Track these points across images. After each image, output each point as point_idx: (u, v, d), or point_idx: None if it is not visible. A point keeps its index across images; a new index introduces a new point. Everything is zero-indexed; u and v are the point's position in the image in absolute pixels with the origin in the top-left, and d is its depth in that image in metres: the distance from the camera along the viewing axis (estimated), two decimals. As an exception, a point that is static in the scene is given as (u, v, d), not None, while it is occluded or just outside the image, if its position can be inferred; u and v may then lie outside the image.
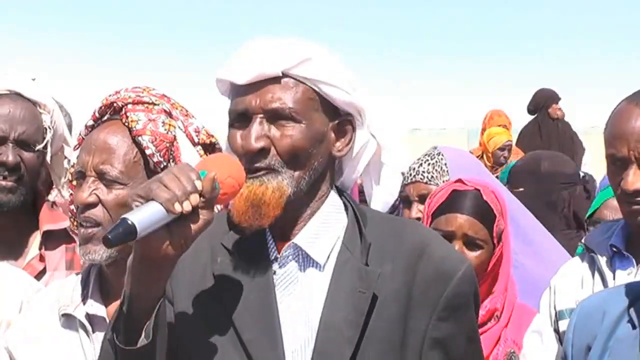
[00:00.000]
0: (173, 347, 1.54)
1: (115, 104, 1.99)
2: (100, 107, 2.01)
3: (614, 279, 2.38)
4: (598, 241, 2.48)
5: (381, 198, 1.79)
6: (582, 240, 2.63)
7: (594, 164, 7.43)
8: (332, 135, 1.65)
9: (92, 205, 1.90)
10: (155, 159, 1.92)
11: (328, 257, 1.61)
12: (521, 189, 3.77)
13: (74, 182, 1.98)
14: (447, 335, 1.60)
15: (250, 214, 1.56)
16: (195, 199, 1.42)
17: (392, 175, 1.80)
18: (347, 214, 1.66)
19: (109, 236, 1.35)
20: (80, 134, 2.03)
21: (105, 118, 2.01)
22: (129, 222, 1.35)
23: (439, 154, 2.98)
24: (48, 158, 2.62)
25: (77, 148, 2.01)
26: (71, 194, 2.02)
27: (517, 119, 8.36)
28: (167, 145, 1.96)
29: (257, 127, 1.58)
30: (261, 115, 1.59)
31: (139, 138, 1.93)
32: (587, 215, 3.30)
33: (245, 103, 1.60)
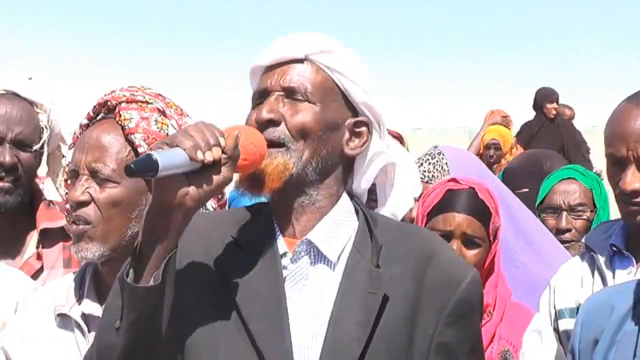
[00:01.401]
0: (180, 327, 1.55)
1: (109, 103, 1.99)
2: (95, 106, 2.01)
3: (613, 278, 2.38)
4: (598, 240, 2.48)
5: (384, 213, 1.80)
6: (583, 240, 2.62)
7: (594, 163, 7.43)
8: (347, 132, 1.68)
9: (84, 204, 1.89)
10: None
11: (339, 257, 1.63)
12: (525, 190, 3.74)
13: (69, 181, 1.98)
14: (453, 340, 1.61)
15: (251, 181, 1.60)
16: (217, 152, 1.45)
17: (400, 196, 1.83)
18: (357, 217, 1.68)
19: (132, 165, 1.36)
20: (75, 133, 2.03)
21: (100, 117, 2.01)
22: (153, 157, 1.37)
23: (439, 153, 2.97)
24: (45, 157, 2.61)
25: (72, 147, 2.01)
26: (67, 193, 2.01)
27: (517, 119, 8.35)
28: None
29: (273, 101, 1.64)
30: (279, 92, 1.65)
31: (132, 136, 1.93)
32: (537, 202, 3.29)
33: (266, 82, 1.67)
